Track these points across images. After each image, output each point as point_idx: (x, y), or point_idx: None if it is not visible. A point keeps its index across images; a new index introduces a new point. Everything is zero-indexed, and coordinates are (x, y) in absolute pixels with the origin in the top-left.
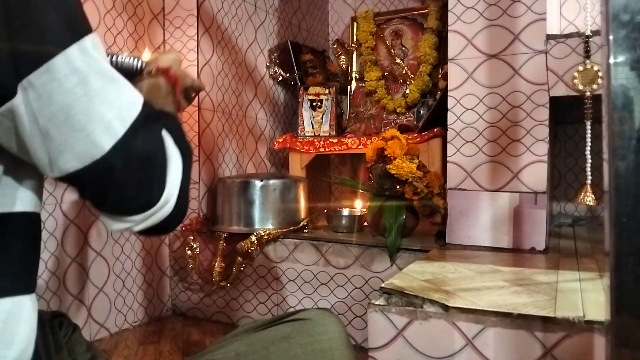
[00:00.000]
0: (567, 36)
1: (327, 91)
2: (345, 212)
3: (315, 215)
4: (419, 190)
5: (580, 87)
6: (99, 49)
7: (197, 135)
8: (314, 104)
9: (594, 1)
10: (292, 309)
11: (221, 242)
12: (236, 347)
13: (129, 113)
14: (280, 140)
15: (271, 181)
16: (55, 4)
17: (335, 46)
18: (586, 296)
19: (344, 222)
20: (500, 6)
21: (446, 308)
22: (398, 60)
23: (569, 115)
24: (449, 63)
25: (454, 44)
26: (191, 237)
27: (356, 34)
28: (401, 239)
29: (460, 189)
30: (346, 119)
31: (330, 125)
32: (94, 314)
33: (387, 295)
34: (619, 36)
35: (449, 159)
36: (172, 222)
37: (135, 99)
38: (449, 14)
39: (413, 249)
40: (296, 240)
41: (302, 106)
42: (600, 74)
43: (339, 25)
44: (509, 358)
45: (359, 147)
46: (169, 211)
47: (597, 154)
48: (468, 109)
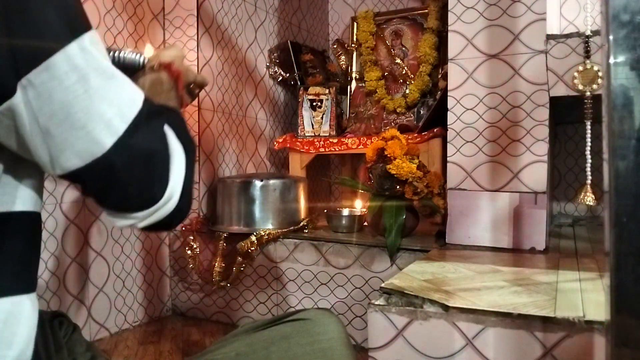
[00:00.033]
0: (567, 36)
1: (327, 91)
2: (345, 212)
3: (315, 215)
4: (419, 190)
5: (580, 87)
6: (98, 46)
7: (197, 135)
8: (314, 104)
9: (594, 1)
10: (292, 309)
11: (221, 242)
12: (236, 347)
13: (129, 110)
14: (280, 140)
15: (271, 181)
16: (54, 1)
17: (335, 46)
18: (586, 296)
19: (344, 222)
20: (500, 6)
21: (446, 308)
22: (398, 60)
23: (569, 115)
24: (449, 63)
25: (454, 44)
26: (191, 237)
27: (356, 34)
28: (401, 239)
29: (460, 189)
30: (346, 119)
31: (330, 125)
32: (94, 314)
33: (387, 295)
34: (619, 36)
35: (449, 159)
36: (176, 218)
37: (136, 95)
38: (449, 14)
39: (413, 249)
40: (296, 240)
41: (302, 106)
42: (600, 74)
43: (339, 25)
44: (509, 358)
45: (359, 147)
46: (172, 207)
47: (597, 154)
48: (468, 109)
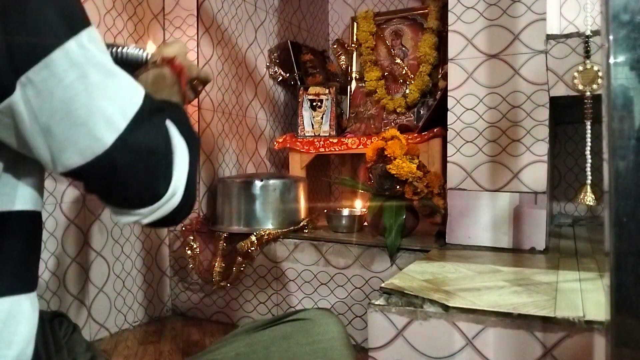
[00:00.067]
0: (567, 36)
1: (327, 91)
2: (345, 212)
3: (315, 215)
4: (419, 190)
5: (580, 87)
6: (97, 43)
7: None
8: (314, 104)
9: (594, 1)
10: (292, 309)
11: (221, 242)
12: (236, 347)
13: (130, 106)
14: (280, 140)
15: (271, 181)
16: None
17: (335, 46)
18: (586, 296)
19: (344, 222)
20: (500, 6)
21: (446, 308)
22: (398, 60)
23: (569, 115)
24: (449, 63)
25: (454, 44)
26: (191, 237)
27: (356, 34)
28: (401, 239)
29: (460, 189)
30: (346, 119)
31: (330, 125)
32: (94, 314)
33: (387, 295)
34: (619, 36)
35: (449, 159)
36: (180, 214)
37: (137, 91)
38: (449, 14)
39: (413, 249)
40: (296, 240)
41: (302, 106)
42: (600, 74)
43: (339, 25)
44: (509, 358)
45: (359, 147)
46: (176, 203)
47: (597, 154)
48: (468, 109)
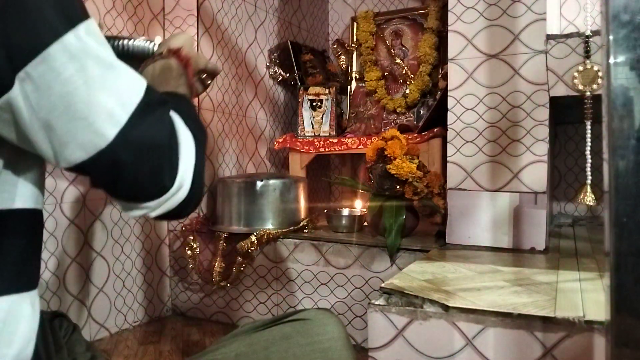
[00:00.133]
0: (567, 36)
1: (327, 91)
2: (345, 212)
3: (315, 215)
4: (419, 190)
5: (580, 87)
6: (96, 35)
7: None
8: (314, 104)
9: (594, 1)
10: (292, 309)
11: (221, 242)
12: (236, 347)
13: (131, 99)
14: (280, 140)
15: (271, 181)
16: None
17: (335, 46)
18: (586, 296)
19: (344, 222)
20: (500, 6)
21: (446, 308)
22: (398, 60)
23: (569, 115)
24: (449, 63)
25: (454, 44)
26: (191, 237)
27: (356, 34)
28: (401, 239)
29: (460, 189)
30: (346, 119)
31: (330, 125)
32: (94, 314)
33: (387, 295)
34: (619, 36)
35: (449, 159)
36: (188, 206)
37: (138, 84)
38: (449, 14)
39: (413, 249)
40: (296, 240)
41: (302, 106)
42: (600, 74)
43: (339, 25)
44: (509, 358)
45: (359, 147)
46: (184, 195)
47: (597, 154)
48: (468, 109)
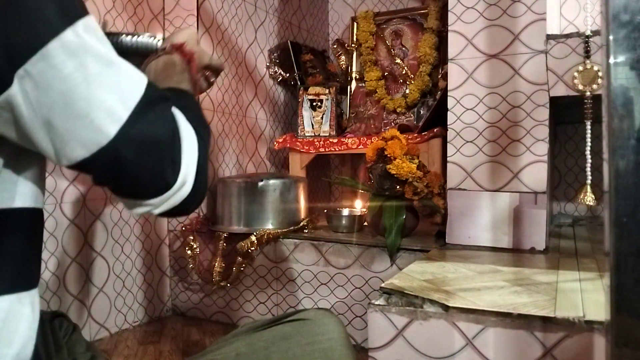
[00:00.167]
0: (567, 36)
1: (327, 91)
2: (345, 212)
3: (315, 215)
4: (419, 190)
5: (580, 87)
6: (95, 32)
7: None
8: (314, 104)
9: (594, 1)
10: (292, 309)
11: (221, 242)
12: (236, 347)
13: (131, 96)
14: (280, 140)
15: (271, 181)
16: None
17: (335, 46)
18: (586, 296)
19: (344, 222)
20: (500, 6)
21: (446, 308)
22: (398, 60)
23: (569, 115)
24: (449, 63)
25: (454, 44)
26: (191, 237)
27: (356, 34)
28: (401, 239)
29: (460, 189)
30: (346, 119)
31: (330, 125)
32: (94, 314)
33: (387, 295)
34: (619, 36)
35: (449, 159)
36: (192, 203)
37: (138, 80)
38: (449, 14)
39: (413, 249)
40: (296, 240)
41: (302, 106)
42: (600, 74)
43: (339, 25)
44: (509, 358)
45: (359, 147)
46: (187, 192)
47: (597, 154)
48: (468, 109)
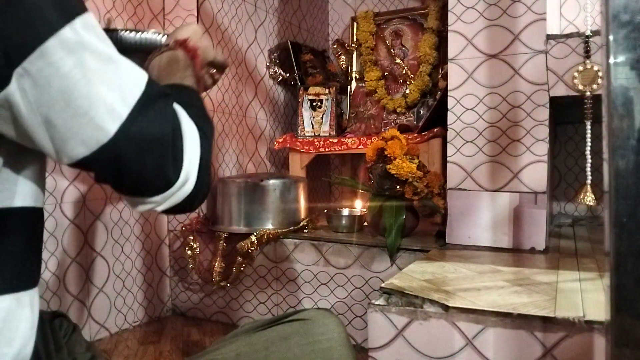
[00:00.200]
0: (567, 36)
1: (327, 91)
2: (345, 212)
3: (315, 215)
4: (419, 190)
5: (580, 87)
6: (94, 29)
7: None
8: (314, 104)
9: (594, 1)
10: (292, 309)
11: (221, 242)
12: (236, 347)
13: (131, 93)
14: (280, 140)
15: (271, 181)
16: None
17: (335, 46)
18: (586, 296)
19: (344, 222)
20: (500, 6)
21: (446, 308)
22: (398, 60)
23: (569, 115)
24: (449, 63)
25: (454, 44)
26: (191, 237)
27: (356, 34)
28: (401, 239)
29: (460, 189)
30: (346, 119)
31: (330, 125)
32: (94, 314)
33: (387, 295)
34: (619, 36)
35: (449, 159)
36: (195, 200)
37: (138, 77)
38: (449, 14)
39: (413, 249)
40: (296, 240)
41: (302, 106)
42: (600, 74)
43: (339, 25)
44: (509, 358)
45: (359, 147)
46: (190, 189)
47: (597, 154)
48: (468, 109)
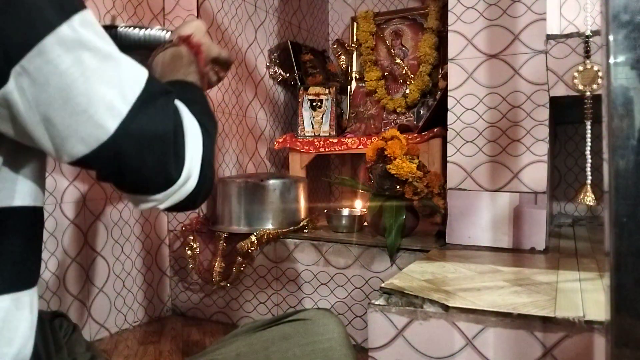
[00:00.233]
0: (567, 36)
1: (327, 91)
2: (345, 212)
3: (315, 215)
4: (419, 190)
5: (580, 87)
6: (93, 26)
7: None
8: (314, 104)
9: (594, 1)
10: (292, 309)
11: (221, 242)
12: (236, 347)
13: (131, 90)
14: (280, 140)
15: (271, 181)
16: None
17: (335, 46)
18: (586, 296)
19: (344, 222)
20: (500, 6)
21: (446, 308)
22: (398, 60)
23: (569, 115)
24: (449, 63)
25: (454, 44)
26: (191, 237)
27: (356, 34)
28: (401, 239)
29: (460, 189)
30: (346, 119)
31: (330, 125)
32: (94, 314)
33: (387, 295)
34: (619, 36)
35: (449, 159)
36: (198, 197)
37: (138, 74)
38: (449, 14)
39: (413, 249)
40: (296, 240)
41: (302, 106)
42: (600, 74)
43: (339, 25)
44: (509, 358)
45: (359, 147)
46: (192, 187)
47: (597, 154)
48: (468, 109)
